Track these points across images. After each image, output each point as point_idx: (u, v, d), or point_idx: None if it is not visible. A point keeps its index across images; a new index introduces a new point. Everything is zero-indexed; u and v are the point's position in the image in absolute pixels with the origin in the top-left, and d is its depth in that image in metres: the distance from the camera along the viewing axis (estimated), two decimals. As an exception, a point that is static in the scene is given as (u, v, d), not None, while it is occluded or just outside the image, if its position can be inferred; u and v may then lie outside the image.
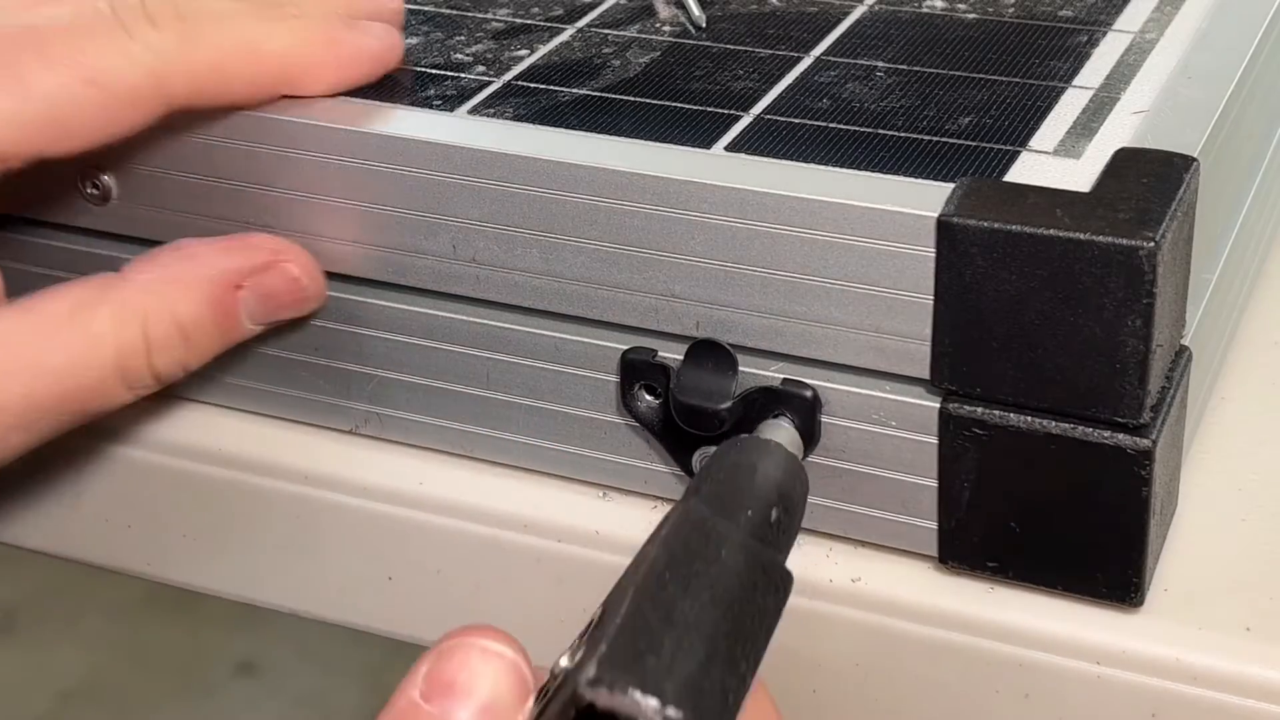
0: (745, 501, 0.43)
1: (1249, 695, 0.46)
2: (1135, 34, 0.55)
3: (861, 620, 0.49)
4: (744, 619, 0.41)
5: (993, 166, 0.47)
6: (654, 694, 0.38)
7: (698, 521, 0.42)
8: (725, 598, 0.40)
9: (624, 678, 0.38)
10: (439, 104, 0.52)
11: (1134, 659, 0.47)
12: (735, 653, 0.40)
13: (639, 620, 0.40)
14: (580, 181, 0.48)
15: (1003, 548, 0.47)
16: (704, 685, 0.39)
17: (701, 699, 0.39)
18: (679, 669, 0.39)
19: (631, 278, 0.48)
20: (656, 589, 0.40)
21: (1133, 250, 0.43)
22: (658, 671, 0.38)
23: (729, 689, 0.39)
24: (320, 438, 0.55)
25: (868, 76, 0.53)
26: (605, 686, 0.38)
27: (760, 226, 0.46)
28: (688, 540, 0.42)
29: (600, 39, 0.56)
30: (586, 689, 0.38)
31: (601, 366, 0.50)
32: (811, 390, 0.48)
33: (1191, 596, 0.48)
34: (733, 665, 0.40)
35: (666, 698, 0.38)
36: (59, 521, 0.59)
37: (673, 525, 0.42)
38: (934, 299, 0.45)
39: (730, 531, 0.42)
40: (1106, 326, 0.44)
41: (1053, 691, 0.48)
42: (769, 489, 0.44)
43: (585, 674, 0.38)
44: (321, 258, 0.52)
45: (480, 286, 0.50)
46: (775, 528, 0.44)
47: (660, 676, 0.38)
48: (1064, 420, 0.45)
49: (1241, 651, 0.46)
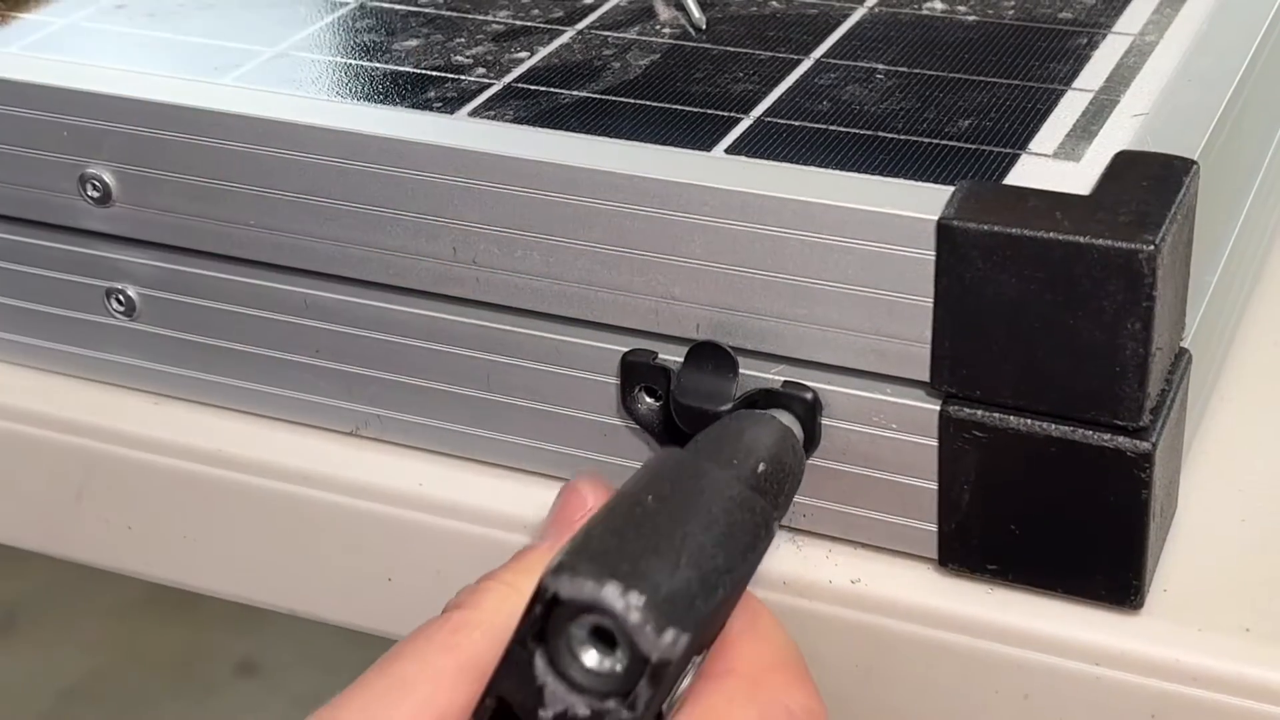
0: (732, 453, 0.44)
1: (1248, 696, 0.46)
2: (1135, 36, 0.55)
3: (861, 621, 0.49)
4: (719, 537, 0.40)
5: (993, 169, 0.48)
6: (617, 579, 0.38)
7: (682, 459, 0.43)
8: (699, 516, 0.40)
9: (586, 566, 0.38)
10: (439, 106, 0.52)
11: (1133, 660, 0.47)
12: (705, 565, 0.40)
13: (608, 524, 0.40)
14: (581, 184, 0.48)
15: (1003, 550, 0.47)
16: (671, 583, 0.39)
17: (667, 592, 0.38)
18: (644, 565, 0.39)
19: (632, 280, 0.48)
20: (632, 503, 0.41)
21: (1133, 253, 0.43)
22: (622, 564, 0.38)
23: (695, 594, 0.39)
24: (320, 438, 0.55)
25: (868, 79, 0.53)
26: (567, 574, 0.38)
27: (760, 229, 0.46)
28: (669, 470, 0.42)
29: (600, 41, 0.56)
30: (550, 578, 0.38)
31: (602, 369, 0.50)
32: (812, 393, 0.48)
33: (1190, 598, 0.48)
34: (702, 575, 0.39)
35: (629, 584, 0.38)
36: (59, 521, 0.59)
37: (657, 459, 0.43)
38: (934, 302, 0.45)
39: (709, 467, 0.42)
40: (1106, 329, 0.44)
41: (1052, 692, 0.48)
42: (757, 446, 0.45)
43: (549, 566, 0.39)
44: (322, 260, 0.52)
45: (481, 289, 0.50)
46: (763, 477, 0.44)
47: (624, 568, 0.38)
48: (1064, 423, 0.45)
49: (1240, 652, 0.46)
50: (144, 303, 0.56)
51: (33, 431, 0.58)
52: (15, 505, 0.60)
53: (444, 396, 0.53)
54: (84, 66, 0.55)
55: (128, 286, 0.56)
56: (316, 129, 0.50)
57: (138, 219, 0.54)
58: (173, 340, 0.56)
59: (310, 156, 0.51)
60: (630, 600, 0.38)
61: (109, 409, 0.57)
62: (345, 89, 0.53)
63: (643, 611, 0.38)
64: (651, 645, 0.38)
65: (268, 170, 0.51)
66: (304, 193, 0.51)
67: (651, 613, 0.38)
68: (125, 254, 0.55)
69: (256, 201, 0.52)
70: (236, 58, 0.55)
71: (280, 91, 0.53)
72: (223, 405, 0.56)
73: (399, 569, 0.54)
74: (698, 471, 0.42)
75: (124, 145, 0.53)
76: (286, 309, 0.54)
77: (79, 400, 0.58)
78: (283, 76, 0.54)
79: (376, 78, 0.54)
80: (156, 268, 0.55)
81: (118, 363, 0.57)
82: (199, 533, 0.57)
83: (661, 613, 0.38)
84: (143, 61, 0.55)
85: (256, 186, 0.52)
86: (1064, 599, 0.48)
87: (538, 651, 0.39)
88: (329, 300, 0.53)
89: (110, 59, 0.55)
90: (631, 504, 0.41)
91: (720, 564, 0.40)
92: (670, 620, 0.38)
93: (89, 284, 0.56)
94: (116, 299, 0.56)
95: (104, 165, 0.53)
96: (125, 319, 0.56)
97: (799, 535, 0.50)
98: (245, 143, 0.51)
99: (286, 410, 0.55)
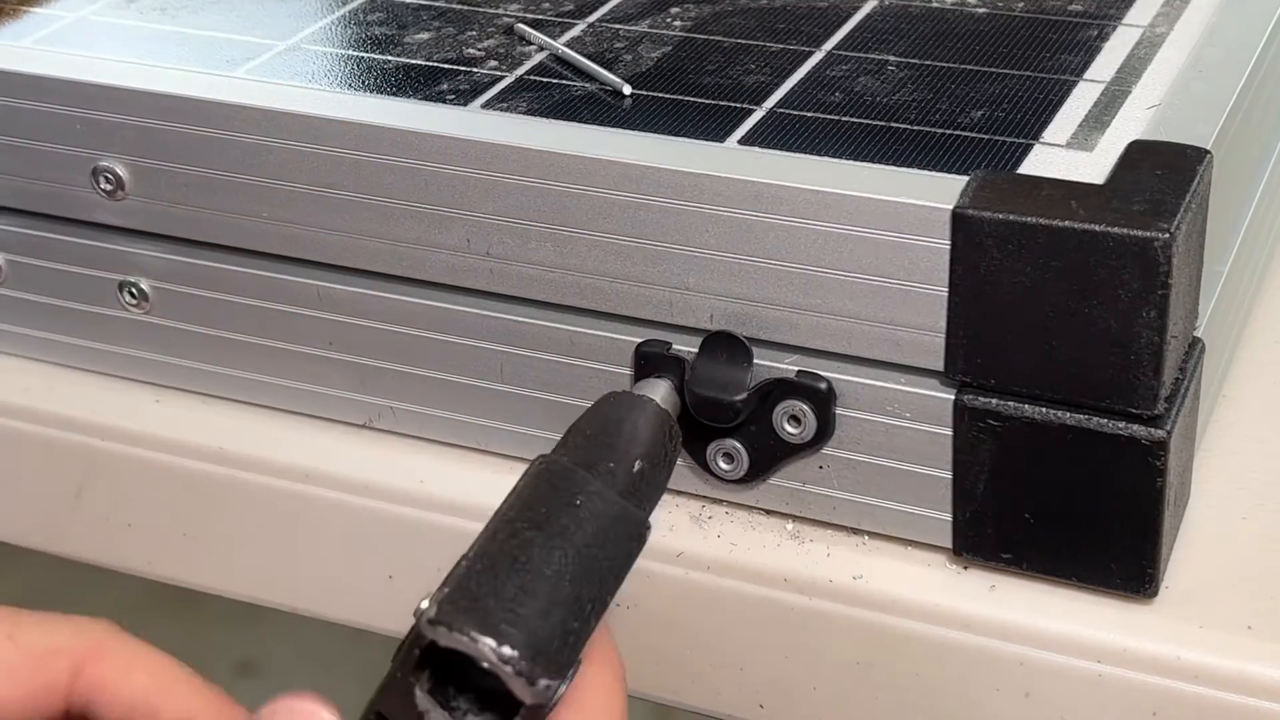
0: (608, 454, 0.44)
1: (1249, 693, 0.46)
2: (1145, 28, 0.55)
3: (862, 619, 0.49)
4: (592, 564, 0.42)
5: (1006, 159, 0.48)
6: (491, 635, 0.39)
7: (556, 470, 0.43)
8: (574, 543, 0.42)
9: (463, 618, 0.40)
10: (452, 98, 0.52)
11: (1135, 657, 0.47)
12: (580, 596, 0.41)
13: (484, 563, 0.41)
14: (594, 175, 0.48)
15: (1017, 539, 0.47)
16: (544, 628, 0.40)
17: (540, 641, 0.40)
18: (520, 610, 0.40)
19: (646, 271, 0.48)
20: (507, 534, 0.42)
21: (1148, 241, 0.43)
22: (496, 613, 0.40)
23: (570, 631, 0.41)
24: (320, 437, 0.55)
25: (879, 70, 0.53)
26: (445, 625, 0.40)
27: (774, 219, 0.46)
28: (543, 488, 0.43)
29: (611, 34, 0.56)
30: (427, 628, 0.40)
31: (616, 359, 0.50)
32: (826, 382, 0.48)
33: (1192, 595, 0.48)
34: (577, 608, 0.41)
35: (503, 639, 0.39)
36: (59, 520, 0.59)
37: (531, 474, 0.43)
38: (948, 291, 0.45)
39: (587, 482, 0.43)
40: (1121, 318, 0.44)
41: (1054, 690, 0.48)
42: (634, 443, 0.45)
43: (427, 614, 0.40)
44: (335, 252, 0.52)
45: (494, 280, 0.50)
46: (639, 478, 0.44)
47: (498, 618, 0.40)
48: (1078, 411, 0.45)
49: (1242, 650, 0.46)
50: (157, 295, 0.56)
51: (32, 429, 0.58)
52: (15, 504, 0.60)
53: (457, 388, 0.53)
54: (96, 60, 0.55)
55: (140, 279, 0.56)
56: (330, 121, 0.50)
57: (150, 212, 0.54)
58: (185, 333, 0.56)
59: (324, 149, 0.51)
60: (504, 653, 0.39)
61: (109, 406, 0.57)
62: (358, 82, 0.53)
63: (516, 664, 0.39)
64: (526, 693, 0.40)
65: (281, 163, 0.51)
66: (317, 185, 0.51)
67: (525, 665, 0.39)
68: (138, 247, 0.55)
69: (269, 194, 0.52)
70: (248, 51, 0.55)
71: (293, 84, 0.53)
72: (236, 398, 0.56)
73: (400, 567, 0.54)
74: (574, 488, 0.43)
75: (137, 138, 0.53)
76: (299, 301, 0.54)
77: (79, 397, 0.58)
78: (295, 70, 0.54)
79: (389, 70, 0.54)
80: (169, 260, 0.55)
81: (130, 356, 0.57)
82: (199, 531, 0.57)
83: (536, 664, 0.40)
84: (154, 55, 0.55)
85: (269, 179, 0.52)
86: (1065, 596, 0.48)
87: (417, 684, 0.40)
88: (342, 292, 0.53)
89: (122, 53, 0.55)
90: (507, 535, 0.42)
91: (595, 593, 0.41)
92: (544, 671, 0.40)
93: (102, 277, 0.56)
94: (129, 292, 0.56)
95: (117, 158, 0.53)
96: (138, 312, 0.56)
97: (804, 526, 0.50)
98: (258, 135, 0.51)
99: (300, 403, 0.55)
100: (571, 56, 0.54)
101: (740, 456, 0.49)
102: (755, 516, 0.51)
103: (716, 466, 0.50)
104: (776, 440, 0.49)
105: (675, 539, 0.51)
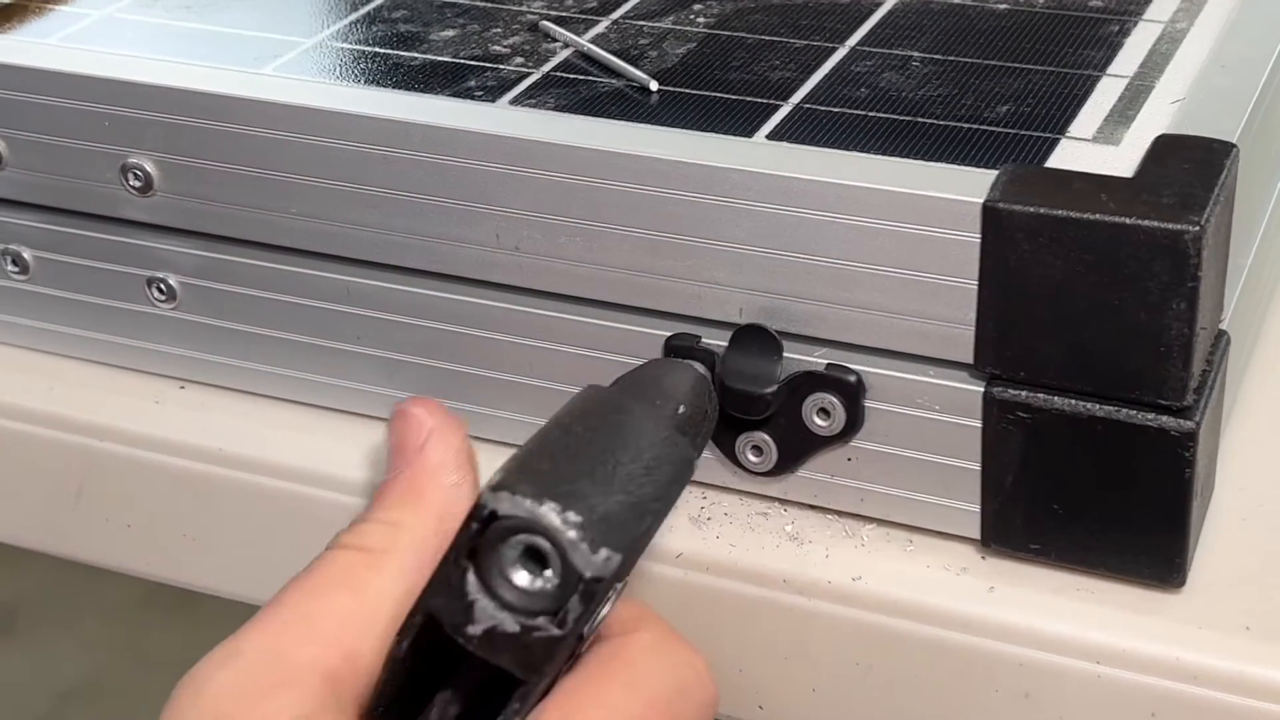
0: (655, 394, 0.45)
1: (1248, 695, 0.46)
2: (1166, 23, 0.55)
3: (861, 620, 0.49)
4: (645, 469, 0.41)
5: (1033, 153, 0.48)
6: (553, 499, 0.39)
7: (608, 395, 0.44)
8: (629, 447, 0.41)
9: (524, 485, 0.39)
10: (480, 95, 0.52)
11: (1133, 658, 0.47)
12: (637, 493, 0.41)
13: (543, 449, 0.41)
14: (623, 170, 0.48)
15: (1046, 530, 0.48)
16: (604, 504, 0.40)
17: (601, 513, 0.39)
18: (580, 486, 0.40)
19: (675, 265, 0.49)
20: (561, 430, 0.42)
21: (1178, 234, 0.43)
22: (558, 483, 0.39)
23: (627, 518, 0.40)
24: (320, 437, 0.56)
25: (904, 66, 0.53)
26: (506, 490, 0.39)
27: (804, 213, 0.47)
28: (597, 405, 0.43)
29: (636, 30, 0.56)
30: (488, 495, 0.39)
31: (645, 353, 0.50)
32: (856, 375, 0.48)
33: (1191, 596, 0.48)
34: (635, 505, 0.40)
35: (566, 505, 0.39)
36: (59, 520, 0.59)
37: (582, 396, 0.43)
38: (978, 284, 0.46)
39: (636, 405, 0.43)
40: (1151, 310, 0.44)
41: (1053, 691, 0.48)
42: (677, 390, 0.46)
43: (489, 483, 0.39)
44: (364, 247, 0.52)
45: (523, 275, 0.51)
46: (683, 419, 0.45)
47: (560, 487, 0.39)
48: (1108, 403, 0.46)
49: (1241, 651, 0.46)
50: (185, 291, 0.56)
51: (33, 430, 0.58)
52: (15, 504, 0.60)
53: (486, 382, 0.53)
54: (124, 57, 0.55)
55: (169, 275, 0.56)
56: (359, 117, 0.51)
57: (179, 208, 0.54)
58: (214, 329, 0.56)
59: (353, 145, 0.51)
60: (568, 518, 0.39)
61: (109, 407, 0.58)
62: (385, 79, 0.53)
63: (579, 530, 0.39)
64: (586, 563, 0.39)
65: (309, 158, 0.52)
66: (346, 181, 0.51)
67: (588, 531, 0.39)
68: (166, 243, 0.55)
69: (298, 190, 0.52)
70: (274, 48, 0.56)
71: (321, 81, 0.53)
72: (264, 394, 0.57)
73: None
74: (624, 407, 0.43)
75: (165, 135, 0.53)
76: (328, 297, 0.54)
77: (79, 398, 0.58)
78: (321, 66, 0.54)
79: (415, 67, 0.54)
80: (198, 256, 0.55)
81: (159, 351, 0.58)
82: (199, 532, 0.57)
83: (598, 531, 0.39)
84: (181, 52, 0.56)
85: (297, 175, 0.52)
86: (1065, 596, 0.48)
87: (469, 569, 0.40)
88: (371, 287, 0.53)
89: (149, 50, 0.56)
90: (563, 432, 0.42)
91: (649, 493, 0.41)
92: (605, 540, 0.39)
93: (130, 273, 0.56)
94: (158, 288, 0.56)
95: (145, 155, 0.54)
96: (166, 308, 0.56)
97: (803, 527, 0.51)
98: (287, 132, 0.52)
99: (328, 398, 0.56)
100: (597, 53, 0.54)
101: (769, 449, 0.50)
102: (754, 518, 0.51)
103: (745, 459, 0.50)
104: (806, 433, 0.49)
105: (675, 540, 0.51)
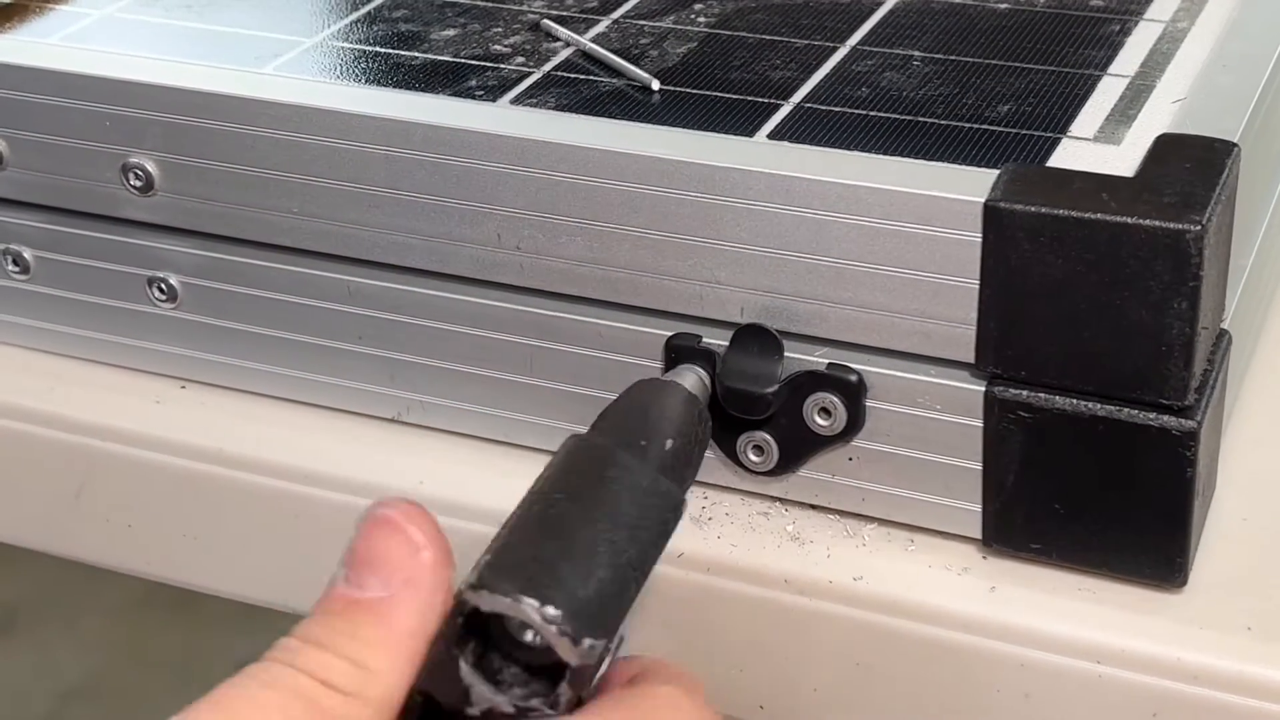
0: (639, 432, 0.44)
1: (1249, 694, 0.46)
2: (1167, 23, 0.55)
3: (862, 620, 0.49)
4: (629, 534, 0.41)
5: (1035, 153, 0.48)
6: (533, 595, 0.39)
7: (588, 447, 0.43)
8: (609, 513, 0.41)
9: (504, 581, 0.39)
10: (481, 94, 0.52)
11: (1134, 658, 0.47)
12: (618, 563, 0.41)
13: (521, 532, 0.41)
14: (624, 169, 0.48)
15: (1047, 530, 0.48)
16: (585, 590, 0.40)
17: (582, 601, 0.39)
18: (561, 573, 0.40)
19: (676, 264, 0.49)
20: (543, 505, 0.42)
21: (1180, 234, 0.43)
22: (538, 575, 0.40)
23: (611, 595, 0.40)
24: (320, 437, 0.55)
25: (904, 65, 0.53)
26: (486, 589, 0.39)
27: (805, 213, 0.47)
28: (576, 463, 0.43)
29: (637, 29, 0.56)
30: (469, 594, 0.40)
31: (646, 353, 0.51)
32: (857, 375, 0.48)
33: (1192, 595, 0.48)
34: (617, 575, 0.41)
35: (546, 599, 0.39)
36: (59, 521, 0.59)
37: (564, 452, 0.43)
38: (980, 283, 0.46)
39: (620, 456, 0.43)
40: (1153, 309, 0.44)
41: (1054, 691, 0.48)
42: (664, 422, 0.45)
43: (468, 581, 0.40)
44: (365, 247, 0.52)
45: (525, 274, 0.51)
46: (671, 455, 0.44)
47: (540, 580, 0.39)
48: (1109, 402, 0.46)
49: (1242, 651, 0.46)
50: (186, 291, 0.56)
51: (33, 430, 0.58)
52: (15, 504, 0.60)
53: (487, 382, 0.53)
54: (125, 57, 0.55)
55: (170, 275, 0.56)
56: (361, 117, 0.51)
57: (180, 208, 0.54)
58: (214, 328, 0.56)
59: (354, 144, 0.51)
60: (547, 614, 0.39)
61: (109, 407, 0.58)
62: (386, 78, 0.53)
63: (558, 625, 0.39)
64: (570, 654, 0.39)
65: (311, 158, 0.52)
66: (347, 180, 0.51)
67: (569, 624, 0.39)
68: (167, 243, 0.55)
69: (299, 189, 0.52)
70: (275, 48, 0.56)
71: (322, 80, 0.53)
72: (265, 393, 0.57)
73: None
74: (607, 461, 0.43)
75: (166, 134, 0.53)
76: (329, 296, 0.54)
77: (79, 398, 0.58)
78: (323, 66, 0.54)
79: (417, 67, 0.54)
80: (199, 256, 0.55)
81: (159, 351, 0.58)
82: (199, 532, 0.57)
83: (579, 622, 0.39)
84: (182, 52, 0.56)
85: (299, 174, 0.52)
86: (1065, 597, 0.48)
87: (461, 656, 0.40)
88: (372, 287, 0.53)
89: (149, 49, 0.56)
90: (544, 505, 0.42)
91: (633, 558, 0.41)
92: (587, 629, 0.39)
93: (131, 273, 0.56)
94: (159, 287, 0.56)
95: (146, 154, 0.54)
96: (167, 308, 0.56)
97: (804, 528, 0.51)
98: (288, 131, 0.52)
99: (329, 397, 0.56)
100: (599, 52, 0.54)
101: (770, 449, 0.50)
102: (755, 518, 0.51)
103: (746, 459, 0.50)
104: (807, 432, 0.49)
105: (675, 540, 0.50)
